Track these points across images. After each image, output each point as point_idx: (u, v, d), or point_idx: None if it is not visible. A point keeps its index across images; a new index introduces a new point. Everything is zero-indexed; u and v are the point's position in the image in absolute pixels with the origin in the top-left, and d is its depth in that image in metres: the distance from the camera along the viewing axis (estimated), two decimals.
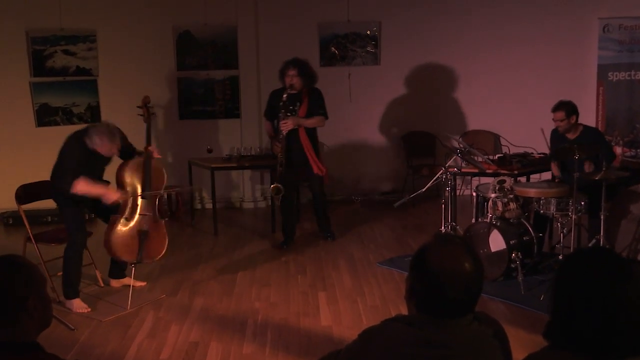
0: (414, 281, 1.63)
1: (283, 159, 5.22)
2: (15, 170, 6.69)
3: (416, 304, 1.63)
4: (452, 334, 1.59)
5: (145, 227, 4.25)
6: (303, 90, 5.22)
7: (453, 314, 1.59)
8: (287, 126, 5.16)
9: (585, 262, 1.50)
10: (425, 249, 1.64)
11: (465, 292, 1.58)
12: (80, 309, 4.12)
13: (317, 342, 3.64)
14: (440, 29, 7.16)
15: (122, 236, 4.18)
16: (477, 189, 4.92)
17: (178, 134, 7.15)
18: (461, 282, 1.57)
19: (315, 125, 5.31)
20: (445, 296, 1.57)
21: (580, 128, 4.86)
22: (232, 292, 4.50)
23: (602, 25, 6.87)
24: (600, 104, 6.91)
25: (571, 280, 1.48)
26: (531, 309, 4.02)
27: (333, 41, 7.14)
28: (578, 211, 4.33)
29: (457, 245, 1.64)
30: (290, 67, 5.16)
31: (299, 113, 5.22)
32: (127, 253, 4.21)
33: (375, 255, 5.26)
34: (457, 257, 1.59)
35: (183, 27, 6.93)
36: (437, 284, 1.57)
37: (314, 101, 5.26)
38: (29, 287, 1.56)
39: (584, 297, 1.44)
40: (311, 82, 5.26)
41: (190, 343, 3.66)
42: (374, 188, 7.40)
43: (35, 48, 6.70)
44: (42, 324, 1.61)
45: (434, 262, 1.59)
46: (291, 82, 5.13)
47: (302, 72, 5.15)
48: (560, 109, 4.79)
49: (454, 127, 7.14)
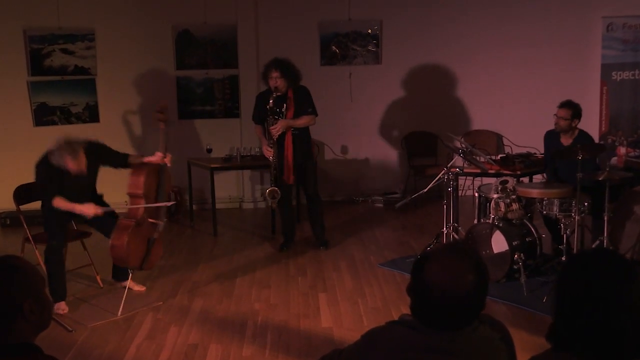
0: (411, 290, 1.60)
1: (276, 163, 5.16)
2: (12, 170, 6.65)
3: (412, 313, 1.60)
4: (456, 340, 1.55)
5: (155, 235, 4.24)
6: (289, 90, 5.13)
7: (448, 327, 1.55)
8: (276, 130, 5.06)
9: (588, 264, 1.48)
10: (427, 256, 1.59)
11: (462, 307, 1.54)
12: (58, 309, 4.05)
13: (318, 344, 3.60)
14: (442, 27, 7.11)
15: (133, 241, 4.09)
16: (480, 189, 4.88)
17: (177, 134, 7.08)
18: (458, 297, 1.52)
19: (305, 124, 5.18)
20: (440, 311, 1.53)
21: (576, 132, 4.81)
22: (231, 293, 4.46)
23: (605, 24, 6.83)
24: (604, 104, 6.86)
25: (574, 282, 1.46)
26: (534, 311, 3.98)
27: (334, 40, 7.09)
28: (581, 212, 4.28)
29: (460, 257, 1.57)
30: (272, 69, 5.02)
31: (286, 115, 5.10)
32: (134, 259, 4.15)
33: (376, 257, 5.21)
34: (457, 271, 1.53)
35: (182, 26, 6.89)
36: (427, 296, 1.54)
37: (300, 100, 5.14)
38: (26, 291, 1.53)
39: (587, 299, 1.42)
40: (295, 82, 5.13)
41: (190, 345, 3.62)
42: (375, 189, 7.36)
43: (33, 47, 6.65)
44: (40, 326, 1.58)
45: (433, 274, 1.55)
46: (275, 84, 5.00)
47: (285, 73, 5.02)
48: (568, 107, 4.73)
49: (456, 127, 7.08)
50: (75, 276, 4.70)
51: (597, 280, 1.43)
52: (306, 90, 5.23)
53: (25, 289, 1.53)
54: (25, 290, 1.53)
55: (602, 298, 1.41)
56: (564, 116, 4.72)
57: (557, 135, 4.85)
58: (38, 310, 1.55)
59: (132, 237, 4.07)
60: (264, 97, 5.15)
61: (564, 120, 4.72)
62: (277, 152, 5.13)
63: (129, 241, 4.04)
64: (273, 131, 5.07)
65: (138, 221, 4.12)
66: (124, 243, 4.02)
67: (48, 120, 6.78)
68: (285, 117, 5.10)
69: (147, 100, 6.89)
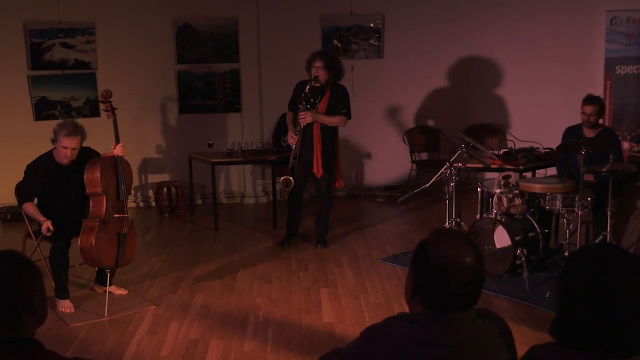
0: (418, 277, 1.60)
1: (297, 152, 5.12)
2: (12, 165, 6.62)
3: (422, 300, 1.60)
4: (455, 333, 1.56)
5: (124, 230, 4.12)
6: (328, 84, 5.10)
7: (459, 307, 1.57)
8: (305, 119, 5.03)
9: (591, 258, 1.48)
10: (426, 243, 1.62)
11: (470, 283, 1.56)
12: (64, 308, 4.04)
13: (319, 339, 3.59)
14: (444, 22, 7.08)
15: (102, 240, 4.00)
16: (482, 184, 4.85)
17: (178, 129, 7.08)
18: (466, 273, 1.55)
19: (334, 124, 5.12)
20: (452, 289, 1.55)
21: (600, 128, 4.77)
22: (233, 288, 4.44)
23: (609, 17, 6.78)
24: (608, 99, 6.82)
25: (578, 277, 1.47)
26: (536, 306, 3.96)
27: (336, 34, 7.05)
28: (584, 207, 4.25)
29: (457, 237, 1.63)
30: (317, 58, 5.01)
31: (318, 107, 5.07)
32: (107, 259, 4.06)
33: (378, 252, 5.19)
34: (459, 249, 1.57)
35: (183, 19, 6.85)
36: (442, 277, 1.55)
37: (336, 98, 5.10)
38: (35, 285, 1.56)
39: (591, 293, 1.43)
40: (337, 77, 5.10)
41: (191, 340, 3.61)
42: (377, 183, 7.33)
43: (33, 41, 6.62)
44: (41, 320, 1.60)
45: (437, 255, 1.57)
46: (316, 73, 4.98)
47: (328, 65, 4.99)
48: (595, 103, 4.67)
49: (458, 122, 7.06)
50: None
51: (600, 275, 1.43)
52: (345, 90, 5.19)
53: (34, 284, 1.55)
54: (35, 285, 1.55)
55: (606, 293, 1.41)
56: (593, 112, 4.67)
57: (580, 130, 4.80)
58: (43, 305, 1.57)
59: (99, 237, 3.97)
60: (303, 85, 5.10)
61: (594, 116, 4.67)
62: (300, 141, 5.08)
63: (97, 242, 3.95)
64: (302, 118, 5.02)
65: (103, 219, 4.01)
66: (92, 244, 3.93)
67: (48, 114, 6.75)
68: (317, 110, 5.07)
69: (147, 94, 6.87)
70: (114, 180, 4.12)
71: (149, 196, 7.09)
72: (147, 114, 6.91)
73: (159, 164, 7.09)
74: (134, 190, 7.02)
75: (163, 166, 7.10)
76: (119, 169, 4.12)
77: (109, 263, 4.08)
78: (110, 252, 4.07)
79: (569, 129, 4.93)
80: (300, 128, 5.04)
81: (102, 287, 4.37)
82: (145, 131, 6.92)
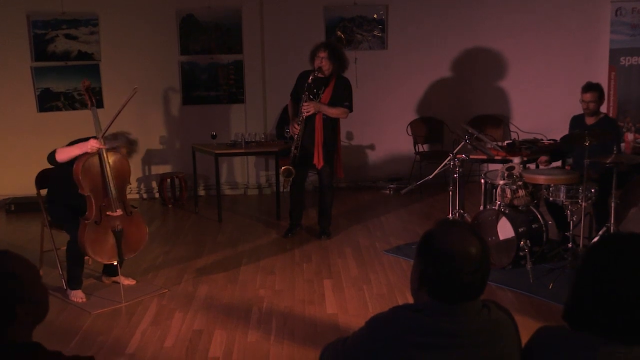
0: (425, 267, 1.59)
1: (299, 142, 5.12)
2: (16, 156, 6.65)
3: (428, 292, 1.59)
4: (461, 323, 1.56)
5: (119, 227, 4.02)
6: (332, 75, 5.08)
7: (466, 297, 1.58)
8: (307, 109, 5.03)
9: (618, 246, 1.49)
10: (431, 234, 1.62)
11: (477, 272, 1.57)
12: (76, 297, 4.06)
13: (323, 330, 3.60)
14: (447, 13, 7.04)
15: (95, 240, 3.95)
16: (486, 175, 4.84)
17: (181, 120, 7.08)
18: (472, 262, 1.55)
19: (336, 115, 5.11)
20: (459, 278, 1.55)
21: (601, 115, 4.77)
22: (236, 279, 4.45)
23: (614, 8, 6.73)
24: (612, 90, 6.79)
25: (601, 265, 1.47)
26: (540, 298, 3.96)
27: (339, 25, 7.03)
28: (588, 198, 4.24)
29: (463, 227, 1.64)
30: (322, 49, 5.00)
31: (321, 98, 5.06)
32: (107, 256, 4.03)
33: (381, 243, 5.20)
34: (465, 239, 1.58)
35: (186, 10, 6.83)
36: (449, 266, 1.55)
37: (339, 89, 5.09)
38: (19, 295, 1.48)
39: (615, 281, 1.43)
40: (340, 68, 5.08)
41: (194, 331, 3.62)
42: (381, 175, 7.33)
43: (36, 32, 6.62)
44: (35, 321, 1.55)
45: (443, 245, 1.57)
46: (320, 64, 4.97)
47: (332, 56, 4.98)
48: (593, 90, 4.69)
49: (462, 113, 7.04)
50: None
51: (624, 265, 1.43)
52: (348, 83, 5.17)
53: (18, 293, 1.48)
54: (19, 294, 1.48)
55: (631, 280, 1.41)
56: (592, 99, 4.68)
57: (582, 119, 4.83)
58: (32, 311, 1.51)
59: (91, 237, 3.92)
60: (306, 75, 5.09)
61: (593, 103, 4.69)
62: (302, 131, 5.08)
63: (89, 241, 3.91)
64: (304, 109, 5.02)
65: (94, 219, 3.95)
66: (83, 244, 3.91)
67: (52, 106, 6.76)
68: (320, 101, 5.06)
69: (151, 85, 6.86)
70: (98, 177, 3.96)
71: (153, 187, 7.10)
72: (150, 105, 6.91)
73: (162, 155, 7.10)
74: (137, 182, 7.04)
75: (166, 157, 7.10)
76: (104, 166, 3.94)
77: (109, 259, 4.06)
78: (107, 249, 4.01)
79: (575, 118, 4.96)
80: (302, 118, 5.04)
81: (109, 278, 4.40)
82: (149, 122, 6.92)
